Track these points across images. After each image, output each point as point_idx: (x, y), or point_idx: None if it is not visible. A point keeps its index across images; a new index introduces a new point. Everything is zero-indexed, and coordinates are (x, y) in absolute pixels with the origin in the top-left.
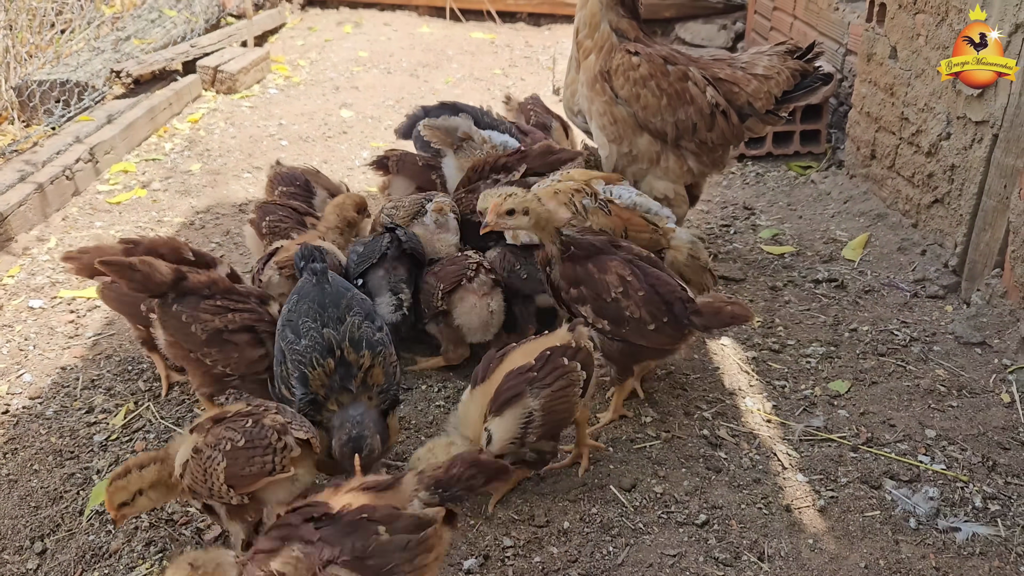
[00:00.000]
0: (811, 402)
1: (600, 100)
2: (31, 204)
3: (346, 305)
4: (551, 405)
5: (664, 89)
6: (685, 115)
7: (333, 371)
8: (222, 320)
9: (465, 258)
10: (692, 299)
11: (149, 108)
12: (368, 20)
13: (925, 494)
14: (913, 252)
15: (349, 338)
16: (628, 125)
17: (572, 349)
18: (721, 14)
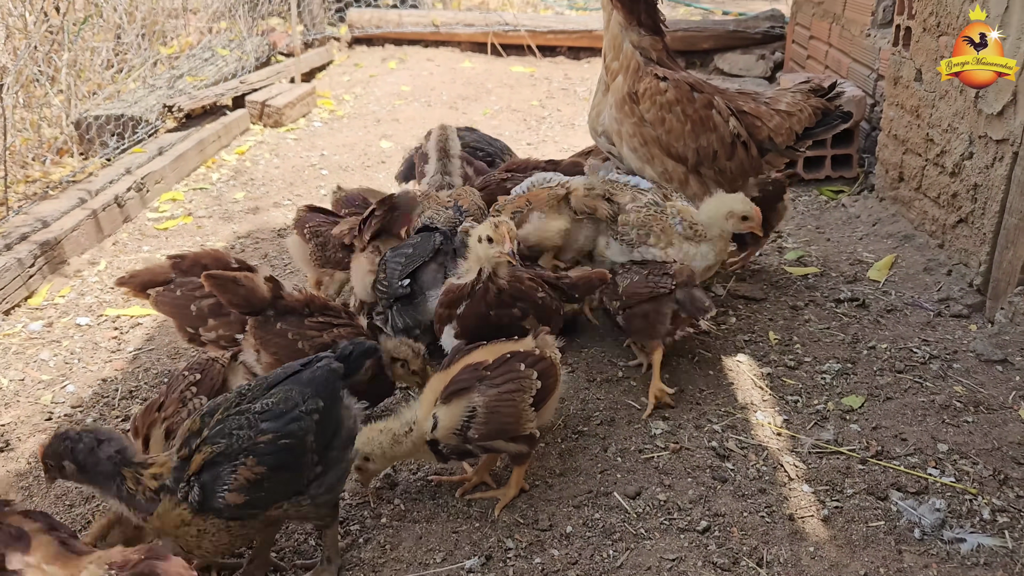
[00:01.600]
0: (823, 416)
1: (629, 122)
2: (84, 230)
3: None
4: (495, 405)
5: (689, 115)
6: (707, 142)
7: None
8: (328, 335)
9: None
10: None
11: (198, 140)
12: (412, 56)
13: (932, 505)
14: (939, 272)
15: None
16: (657, 147)
17: (533, 357)
18: (759, 44)
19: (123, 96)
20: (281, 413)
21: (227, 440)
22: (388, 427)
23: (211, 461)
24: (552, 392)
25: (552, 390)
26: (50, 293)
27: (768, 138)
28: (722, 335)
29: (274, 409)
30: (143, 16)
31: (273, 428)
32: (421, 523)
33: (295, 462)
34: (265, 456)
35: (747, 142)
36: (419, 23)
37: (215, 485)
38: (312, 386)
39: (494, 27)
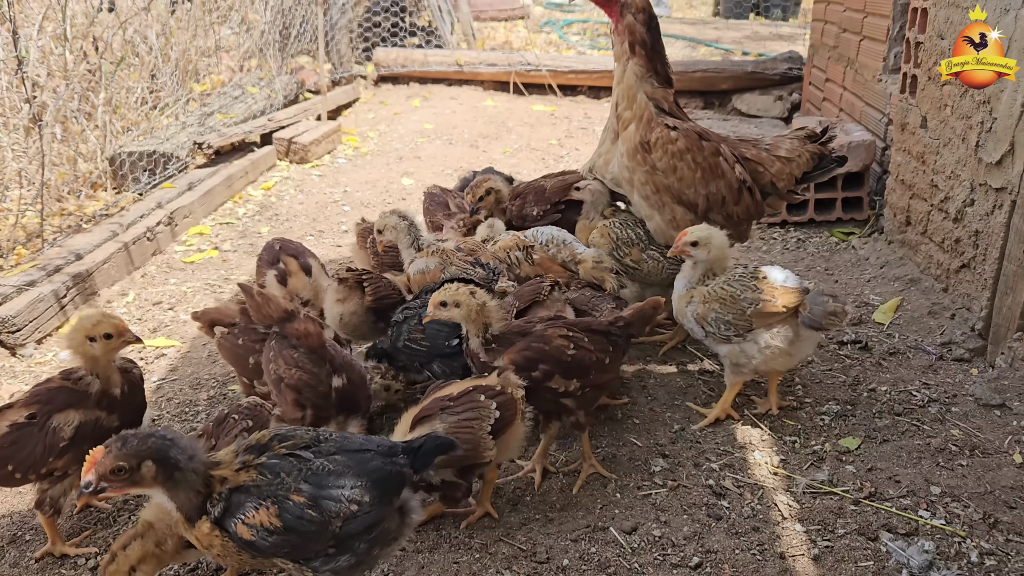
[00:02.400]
0: (819, 457)
1: (641, 170)
2: (115, 262)
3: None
4: (455, 432)
5: (699, 163)
6: (716, 188)
7: None
8: (288, 373)
9: (540, 280)
10: (618, 317)
11: (226, 176)
12: (436, 94)
13: (921, 547)
14: (943, 316)
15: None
16: (668, 194)
17: (493, 390)
18: (777, 85)
19: (156, 133)
20: (324, 486)
21: (271, 478)
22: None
23: (247, 488)
24: (511, 423)
25: (510, 421)
26: None
27: (771, 183)
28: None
29: (322, 478)
30: (176, 57)
31: (309, 494)
32: (424, 553)
33: (310, 534)
34: (286, 514)
35: (752, 187)
36: (443, 62)
37: (236, 510)
38: (369, 478)
39: (516, 67)
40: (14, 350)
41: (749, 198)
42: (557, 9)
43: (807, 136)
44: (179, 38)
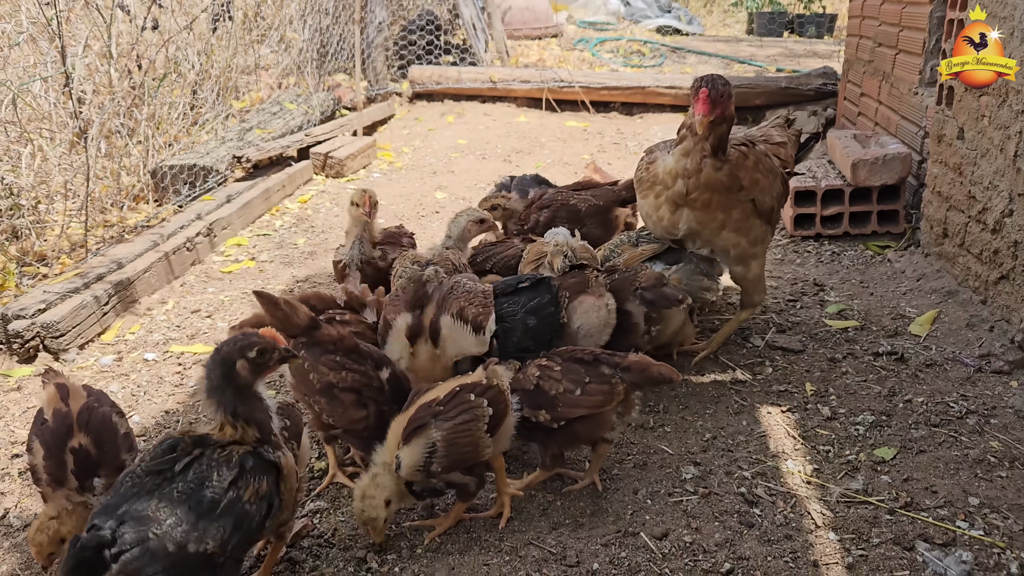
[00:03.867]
0: (854, 467)
1: (739, 209)
2: (155, 271)
3: None
4: (453, 437)
5: (769, 168)
6: (778, 186)
7: None
8: (335, 376)
9: (583, 270)
10: (620, 355)
11: (264, 189)
12: (470, 111)
13: (958, 557)
14: (981, 328)
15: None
16: (755, 214)
17: (481, 386)
18: (812, 101)
19: (196, 148)
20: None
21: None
22: (372, 484)
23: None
24: (503, 418)
25: (504, 416)
26: (122, 330)
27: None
28: (758, 384)
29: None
30: (217, 73)
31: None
32: (454, 555)
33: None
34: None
35: (783, 175)
36: (477, 79)
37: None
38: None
39: (549, 83)
40: (57, 355)
41: (783, 186)
42: (591, 28)
43: (786, 121)
44: (219, 56)
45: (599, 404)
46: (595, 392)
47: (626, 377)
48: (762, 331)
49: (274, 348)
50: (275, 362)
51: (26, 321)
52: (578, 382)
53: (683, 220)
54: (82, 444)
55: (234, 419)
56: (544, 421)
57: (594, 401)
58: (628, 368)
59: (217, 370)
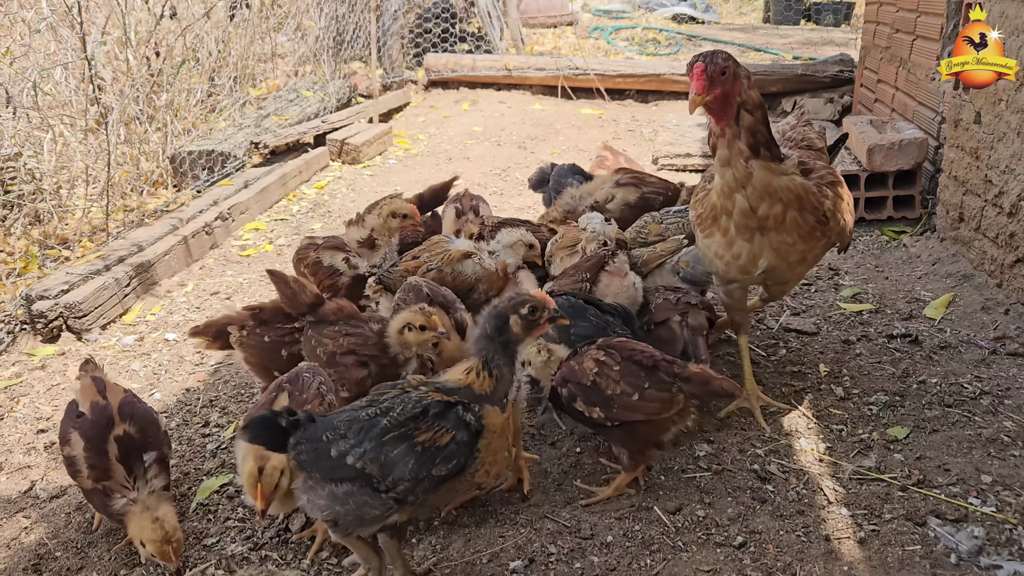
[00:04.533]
0: (867, 445)
1: (819, 244)
2: (175, 254)
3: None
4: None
5: (850, 202)
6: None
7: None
8: (335, 344)
9: (604, 249)
10: (680, 364)
11: (281, 175)
12: (485, 98)
13: (970, 533)
14: (997, 311)
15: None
16: (828, 237)
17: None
18: (828, 88)
19: (214, 134)
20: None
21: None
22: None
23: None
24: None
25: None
26: (143, 311)
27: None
28: (771, 366)
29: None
30: (235, 60)
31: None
32: (471, 527)
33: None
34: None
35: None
36: (492, 67)
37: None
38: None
39: (564, 71)
40: (80, 335)
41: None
42: (606, 16)
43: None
44: (236, 43)
45: (656, 412)
46: (654, 399)
47: (686, 388)
48: (776, 314)
49: (544, 307)
50: (545, 320)
51: (49, 301)
52: (637, 387)
53: (763, 254)
54: (126, 431)
55: (486, 367)
56: (598, 419)
57: (652, 408)
58: (689, 379)
59: (492, 322)
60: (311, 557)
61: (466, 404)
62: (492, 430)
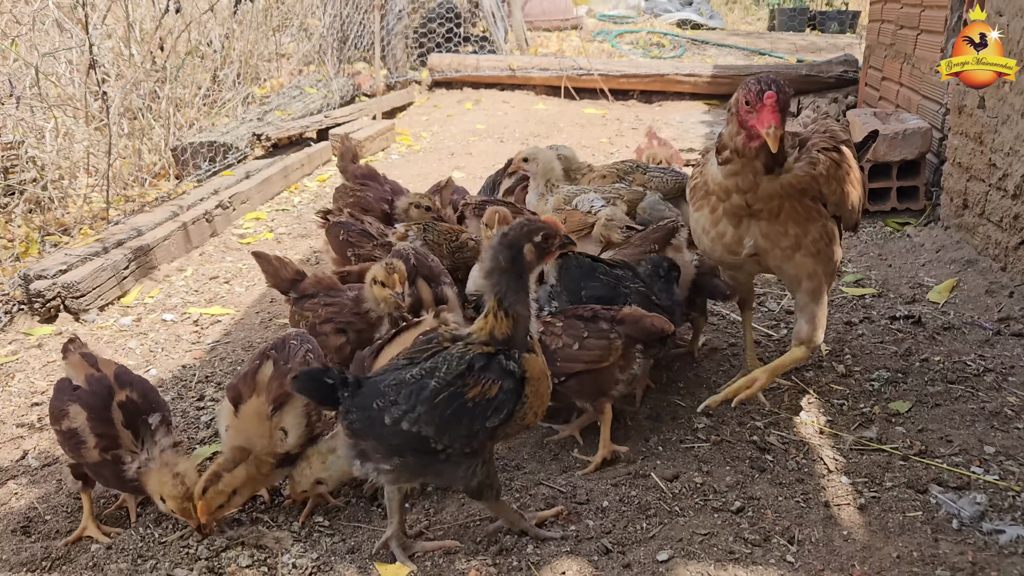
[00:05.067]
0: (868, 418)
1: (818, 226)
2: (174, 240)
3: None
4: None
5: (857, 176)
6: (859, 191)
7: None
8: (314, 315)
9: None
10: (617, 309)
11: (283, 167)
12: (488, 99)
13: (972, 499)
14: (1001, 294)
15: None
16: (835, 238)
17: (445, 328)
18: (833, 88)
19: (216, 127)
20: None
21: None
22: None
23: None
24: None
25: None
26: (141, 294)
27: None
28: (772, 345)
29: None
30: (238, 56)
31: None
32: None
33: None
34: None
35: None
36: (496, 67)
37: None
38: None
39: (568, 71)
40: (77, 315)
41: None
42: (610, 21)
43: (826, 115)
44: (240, 39)
45: (597, 359)
46: (593, 347)
47: (621, 330)
48: (778, 296)
49: (556, 234)
50: (556, 247)
51: (47, 281)
52: (577, 337)
53: (748, 234)
54: (129, 397)
55: (501, 307)
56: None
57: (592, 356)
58: (622, 321)
59: (504, 252)
60: (302, 520)
61: (507, 352)
62: (535, 376)
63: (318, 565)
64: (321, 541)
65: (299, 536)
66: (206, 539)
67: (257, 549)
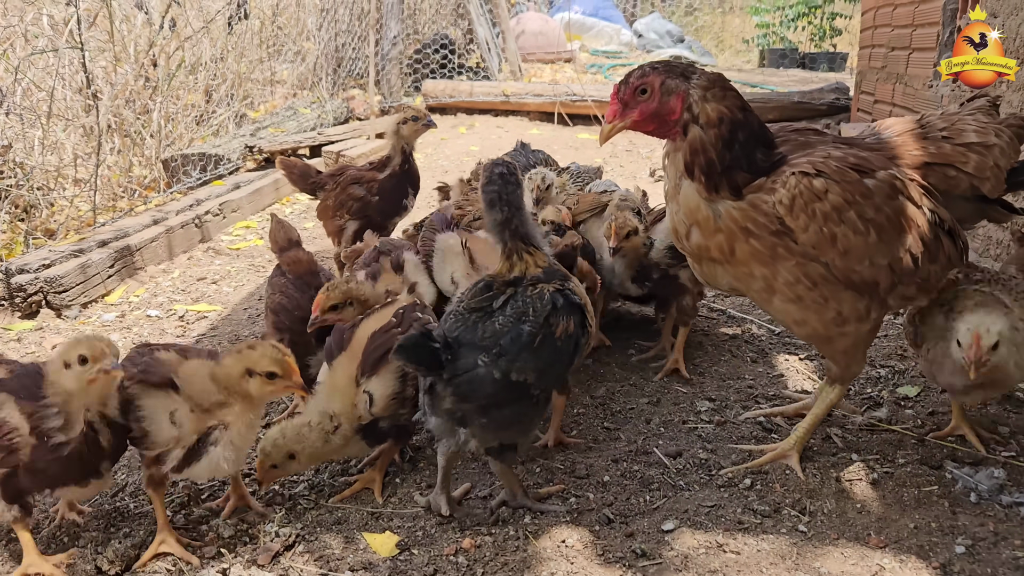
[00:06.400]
0: (876, 402)
1: (786, 265)
2: (161, 243)
3: None
4: None
5: (871, 219)
6: (904, 248)
7: None
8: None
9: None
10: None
11: (275, 180)
12: (482, 123)
13: (990, 473)
14: None
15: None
16: (829, 284)
17: (419, 305)
18: (825, 115)
19: (209, 140)
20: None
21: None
22: (312, 422)
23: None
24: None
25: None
26: (126, 293)
27: (970, 188)
28: (775, 337)
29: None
30: (233, 77)
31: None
32: (456, 468)
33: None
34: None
35: (953, 228)
36: (490, 93)
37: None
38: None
39: (562, 97)
40: (60, 311)
41: (950, 245)
42: (603, 56)
43: (991, 105)
44: (234, 56)
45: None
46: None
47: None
48: None
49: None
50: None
51: (29, 275)
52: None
53: (720, 274)
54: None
55: (524, 244)
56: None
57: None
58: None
59: (508, 188)
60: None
61: (565, 284)
62: (586, 303)
63: (302, 535)
64: (307, 514)
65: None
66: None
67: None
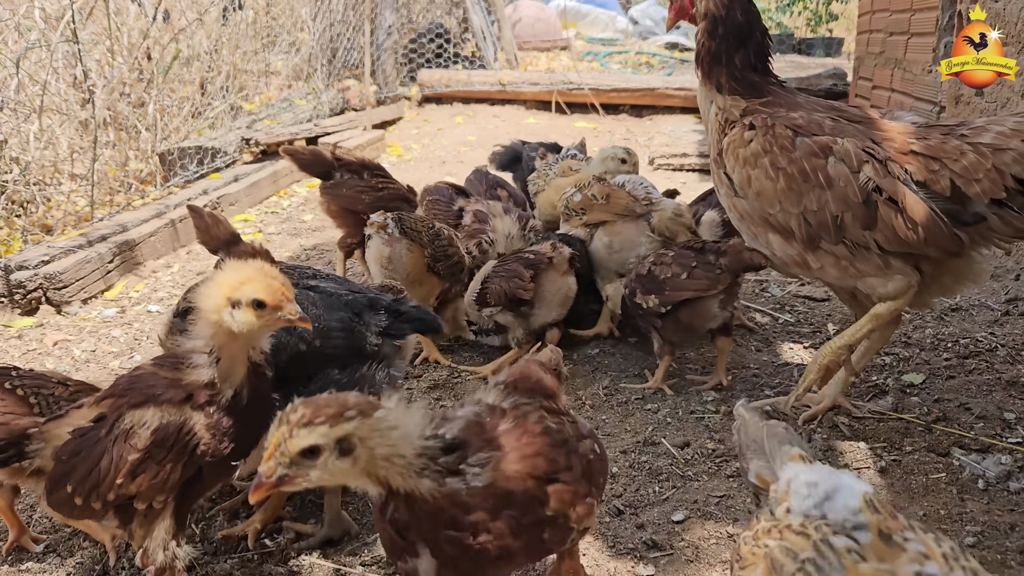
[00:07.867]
0: (882, 390)
1: (722, 190)
2: (161, 237)
3: None
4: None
5: (781, 168)
6: (817, 204)
7: None
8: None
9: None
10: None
11: (272, 172)
12: (479, 113)
13: (997, 460)
14: (1007, 278)
15: None
16: (752, 220)
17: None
18: None
19: (205, 134)
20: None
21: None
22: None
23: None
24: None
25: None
26: (126, 288)
27: (951, 187)
28: (779, 327)
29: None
30: (228, 70)
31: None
32: None
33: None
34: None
35: (896, 198)
36: (487, 81)
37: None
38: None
39: (559, 85)
40: (60, 307)
41: (894, 216)
42: (599, 43)
43: None
44: (228, 48)
45: (704, 288)
46: (700, 276)
47: (723, 262)
48: (783, 283)
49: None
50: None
51: (29, 271)
52: (686, 266)
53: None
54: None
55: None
56: (652, 306)
57: (699, 285)
58: (725, 252)
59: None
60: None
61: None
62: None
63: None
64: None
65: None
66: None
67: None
